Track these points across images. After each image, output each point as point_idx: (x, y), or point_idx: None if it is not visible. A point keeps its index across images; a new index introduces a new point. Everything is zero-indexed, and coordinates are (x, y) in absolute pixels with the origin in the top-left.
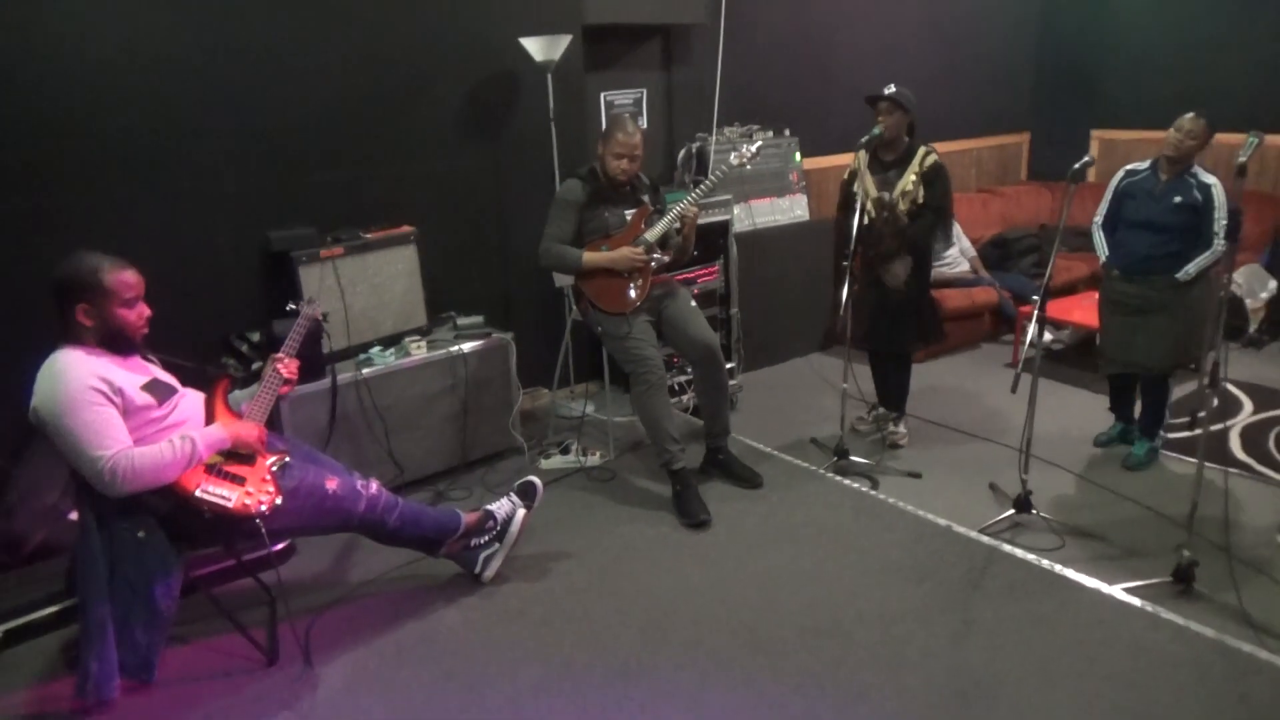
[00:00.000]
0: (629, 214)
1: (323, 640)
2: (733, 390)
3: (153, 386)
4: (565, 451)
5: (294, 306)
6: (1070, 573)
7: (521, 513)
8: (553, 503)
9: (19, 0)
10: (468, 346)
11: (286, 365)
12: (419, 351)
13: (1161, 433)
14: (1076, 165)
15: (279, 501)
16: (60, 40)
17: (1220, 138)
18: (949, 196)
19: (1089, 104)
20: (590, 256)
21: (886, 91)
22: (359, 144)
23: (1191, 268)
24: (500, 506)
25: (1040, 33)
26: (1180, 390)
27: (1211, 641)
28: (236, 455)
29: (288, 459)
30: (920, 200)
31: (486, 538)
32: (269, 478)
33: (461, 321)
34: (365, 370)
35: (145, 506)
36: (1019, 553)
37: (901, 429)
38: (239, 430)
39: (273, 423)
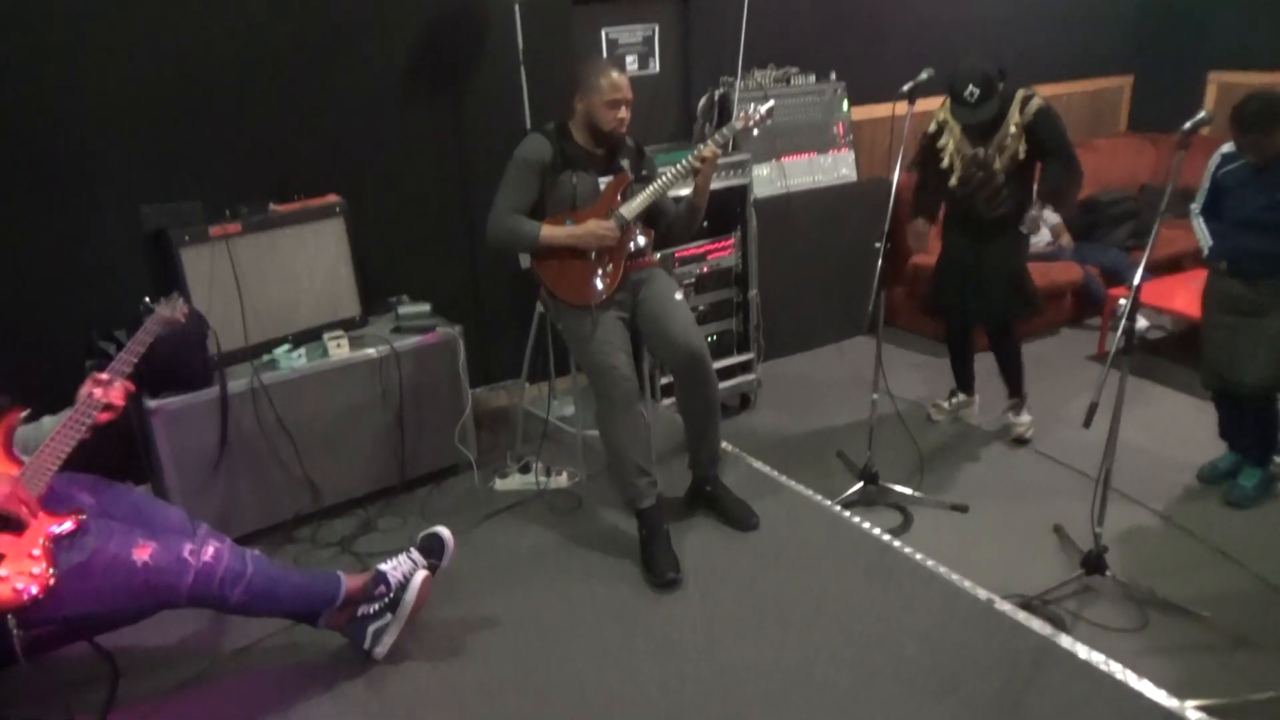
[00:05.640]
0: (604, 182)
1: None
2: (749, 386)
3: None
4: (526, 470)
5: (148, 303)
6: (1159, 695)
7: (421, 575)
8: (498, 540)
9: None
10: (402, 344)
11: (107, 388)
12: (339, 351)
13: (1277, 458)
14: (1187, 125)
15: (53, 584)
16: None
17: None
18: (1068, 140)
19: (1205, 40)
20: (550, 231)
21: (969, 94)
22: (281, 97)
23: None
24: (396, 566)
25: None
26: None
27: None
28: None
29: (84, 519)
30: (1022, 156)
31: (376, 606)
32: (40, 552)
33: (404, 310)
34: (266, 376)
35: None
36: (1081, 652)
37: (1024, 418)
38: None
39: (115, 458)
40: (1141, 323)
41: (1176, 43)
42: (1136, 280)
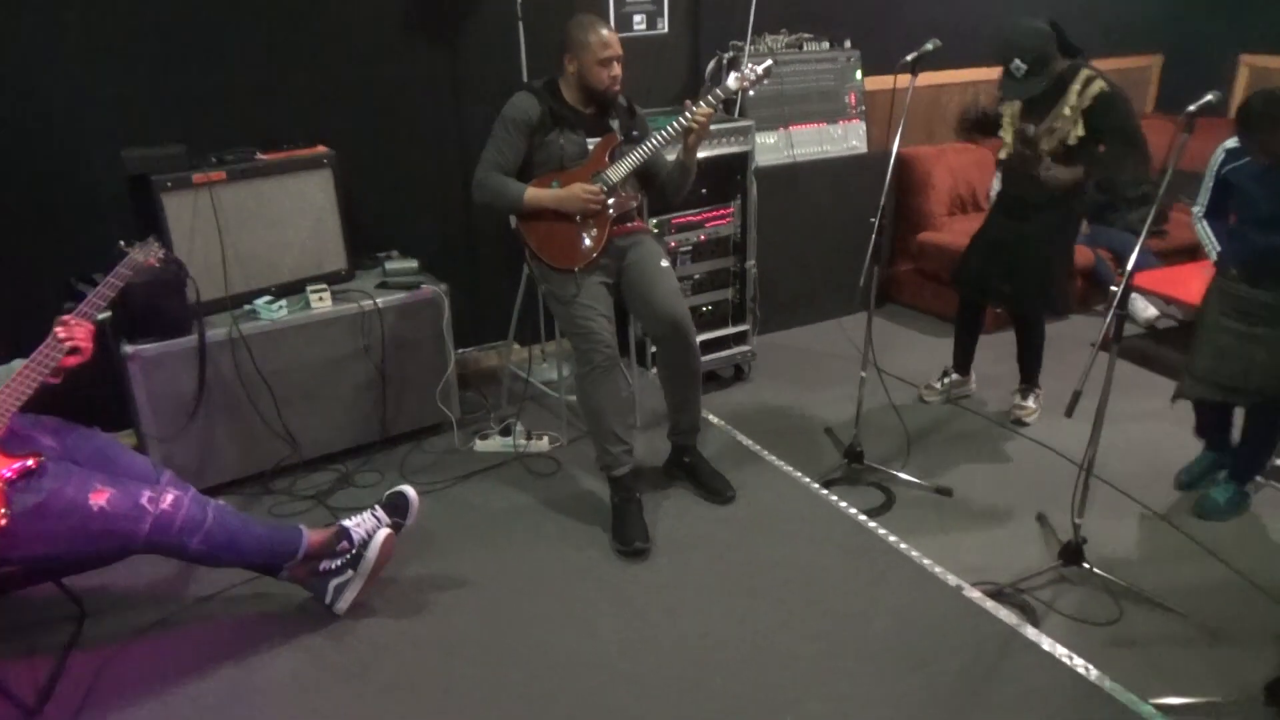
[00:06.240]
0: (592, 143)
1: (111, 684)
2: (744, 357)
3: None
4: (507, 433)
5: (122, 247)
6: (1118, 691)
7: (384, 533)
8: (473, 500)
9: None
10: (385, 300)
11: (70, 329)
12: (321, 304)
13: (1258, 478)
14: (1192, 107)
15: (5, 524)
16: None
17: None
18: (1134, 124)
19: (1238, 20)
20: (534, 193)
21: (1015, 68)
22: (271, 42)
23: None
24: (360, 523)
25: None
26: None
27: None
28: None
29: (42, 461)
30: (1072, 142)
31: (339, 561)
32: None
33: (391, 266)
34: (246, 326)
35: None
36: (1045, 643)
37: (1029, 403)
38: None
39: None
40: (1151, 311)
41: (1208, 22)
42: (1129, 266)
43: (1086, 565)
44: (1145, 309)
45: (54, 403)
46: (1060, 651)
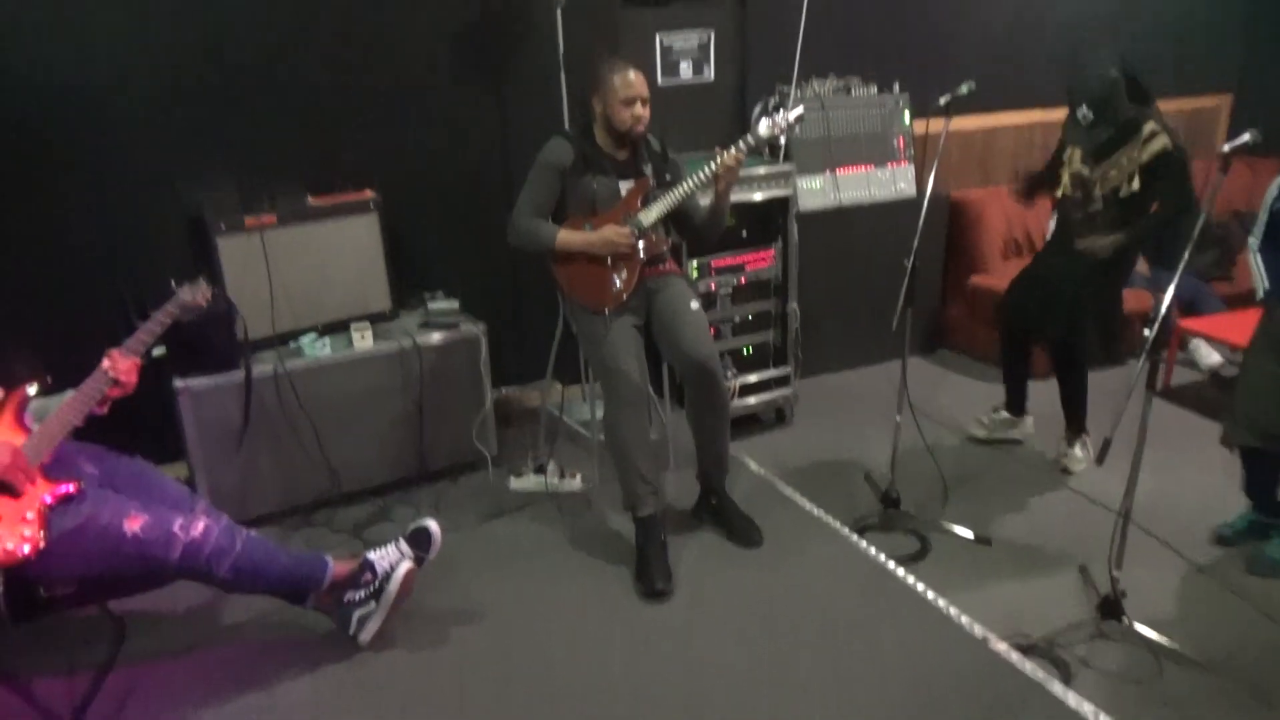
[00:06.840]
0: (624, 186)
1: (143, 703)
2: (786, 400)
3: None
4: (541, 470)
5: (173, 286)
6: None
7: (406, 566)
8: (501, 536)
9: None
10: (425, 339)
11: (116, 363)
12: (363, 342)
13: None
14: (1227, 147)
15: (43, 546)
16: None
17: None
18: (1186, 191)
19: None
20: (566, 235)
21: (1082, 115)
22: (323, 87)
23: None
24: (383, 556)
25: None
26: None
27: None
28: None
29: (82, 488)
30: (1124, 195)
31: (362, 593)
32: (34, 515)
33: (434, 306)
34: (290, 363)
35: None
36: (1071, 699)
37: (1076, 451)
38: None
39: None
40: (1215, 358)
41: None
42: (1163, 309)
43: (1125, 620)
44: (1209, 355)
45: (108, 433)
46: (1086, 708)
